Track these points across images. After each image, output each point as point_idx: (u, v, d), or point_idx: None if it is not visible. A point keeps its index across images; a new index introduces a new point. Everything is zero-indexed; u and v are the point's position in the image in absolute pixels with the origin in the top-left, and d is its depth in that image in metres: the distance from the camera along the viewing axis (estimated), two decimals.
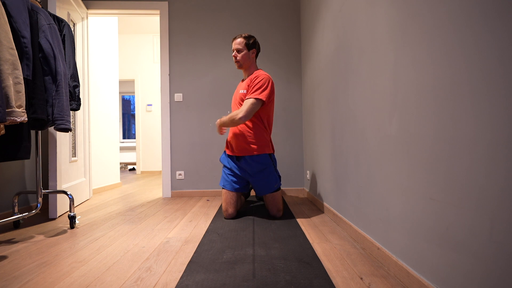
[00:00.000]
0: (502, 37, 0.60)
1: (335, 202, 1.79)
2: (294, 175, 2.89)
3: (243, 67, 1.95)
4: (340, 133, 1.67)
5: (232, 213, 1.89)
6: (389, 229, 1.09)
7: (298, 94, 2.90)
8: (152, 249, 1.36)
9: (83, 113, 2.61)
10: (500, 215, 0.61)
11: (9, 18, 1.41)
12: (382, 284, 0.98)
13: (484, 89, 0.65)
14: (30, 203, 2.25)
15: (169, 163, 2.83)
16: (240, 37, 1.92)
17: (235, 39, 1.93)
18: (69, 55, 1.85)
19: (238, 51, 1.91)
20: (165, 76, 2.85)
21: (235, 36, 1.97)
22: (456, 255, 0.74)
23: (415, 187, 0.92)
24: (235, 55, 1.92)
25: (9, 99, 1.30)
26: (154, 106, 5.31)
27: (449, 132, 0.76)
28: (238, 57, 1.91)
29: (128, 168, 6.40)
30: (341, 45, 1.64)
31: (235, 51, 1.92)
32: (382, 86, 1.14)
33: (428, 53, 0.85)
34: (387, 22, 1.09)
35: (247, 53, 1.93)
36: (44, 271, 1.13)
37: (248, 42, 1.92)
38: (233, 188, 1.91)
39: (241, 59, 1.92)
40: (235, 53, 1.92)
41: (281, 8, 2.92)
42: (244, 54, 1.92)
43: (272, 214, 1.91)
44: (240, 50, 1.91)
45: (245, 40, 1.91)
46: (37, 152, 1.78)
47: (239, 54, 1.91)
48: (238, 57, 1.91)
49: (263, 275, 1.05)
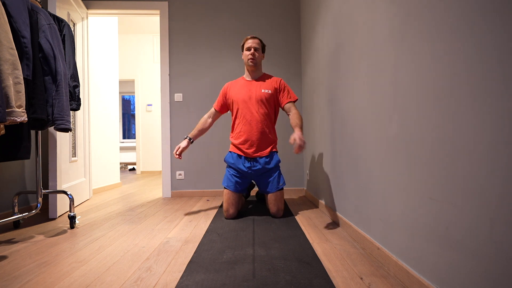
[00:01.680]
0: (501, 37, 0.60)
1: (335, 202, 1.79)
2: (294, 175, 2.90)
3: (257, 66, 2.00)
4: (340, 133, 1.67)
5: (233, 214, 1.90)
6: (389, 229, 1.09)
7: (298, 94, 2.90)
8: (152, 249, 1.36)
9: (83, 113, 2.61)
10: (500, 215, 0.61)
11: (9, 18, 1.41)
12: (382, 284, 0.98)
13: (483, 89, 0.65)
14: (30, 203, 2.25)
15: (169, 163, 2.83)
16: (257, 38, 1.99)
17: (251, 38, 1.98)
18: (69, 55, 1.85)
19: (256, 50, 1.97)
20: (165, 76, 2.85)
21: (250, 36, 2.00)
22: (456, 255, 0.74)
23: (415, 187, 0.92)
24: (254, 53, 1.96)
25: (9, 99, 1.30)
26: (154, 106, 5.31)
27: (449, 132, 0.76)
28: (257, 55, 1.97)
29: (128, 168, 6.40)
30: (341, 45, 1.64)
31: (253, 49, 1.96)
32: (382, 86, 1.14)
33: (428, 53, 0.85)
34: (387, 22, 1.09)
35: (261, 54, 2.02)
36: (44, 271, 1.13)
37: (262, 44, 2.03)
38: (236, 190, 1.92)
39: (258, 58, 1.99)
40: (253, 51, 1.96)
41: (281, 8, 2.92)
42: (260, 54, 2.01)
43: (272, 213, 1.92)
44: (258, 50, 1.98)
45: (260, 43, 2.01)
46: (37, 152, 1.78)
47: (257, 53, 1.98)
48: (256, 55, 1.97)
49: (263, 275, 1.05)
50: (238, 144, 1.96)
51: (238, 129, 1.98)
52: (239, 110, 1.97)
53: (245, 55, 1.99)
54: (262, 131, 1.93)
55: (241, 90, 2.00)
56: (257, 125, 1.93)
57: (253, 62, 1.96)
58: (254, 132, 1.92)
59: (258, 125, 1.93)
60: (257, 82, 2.00)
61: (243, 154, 1.95)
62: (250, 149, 1.93)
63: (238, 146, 1.97)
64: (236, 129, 1.99)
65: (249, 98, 1.96)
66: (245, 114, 1.95)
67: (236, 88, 2.03)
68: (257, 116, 1.93)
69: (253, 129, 1.93)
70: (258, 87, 1.97)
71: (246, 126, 1.94)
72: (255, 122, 1.93)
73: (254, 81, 2.01)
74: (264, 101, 1.95)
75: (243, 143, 1.95)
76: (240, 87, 2.02)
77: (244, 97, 1.97)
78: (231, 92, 2.03)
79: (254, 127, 1.93)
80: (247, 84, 2.01)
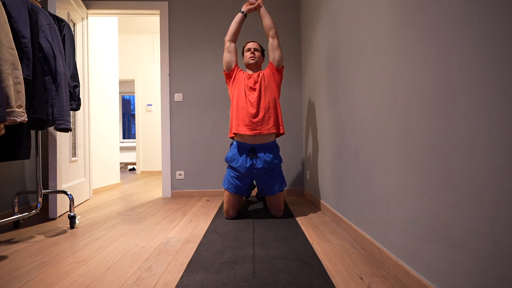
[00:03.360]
0: (501, 37, 0.60)
1: (335, 202, 1.79)
2: (294, 175, 2.89)
3: (257, 64, 2.08)
4: (340, 133, 1.67)
5: (233, 215, 1.90)
6: (389, 229, 1.09)
7: (298, 94, 2.90)
8: (152, 249, 1.36)
9: (83, 113, 2.61)
10: (499, 215, 0.61)
11: (9, 18, 1.41)
12: (382, 284, 0.98)
13: (483, 89, 0.65)
14: (30, 203, 2.25)
15: (169, 163, 2.83)
16: (255, 42, 2.13)
17: (251, 42, 2.12)
18: (69, 55, 1.85)
19: (256, 50, 2.09)
20: (165, 76, 2.85)
21: (249, 40, 2.15)
22: (456, 255, 0.74)
23: (415, 187, 0.92)
24: (253, 52, 2.07)
25: (9, 99, 1.30)
26: (154, 106, 5.31)
27: (449, 131, 0.76)
28: (257, 54, 2.08)
29: (128, 168, 6.40)
30: (341, 45, 1.64)
31: (253, 49, 2.08)
32: (382, 86, 1.14)
33: (428, 53, 0.85)
34: (387, 22, 1.09)
35: (261, 56, 2.13)
36: (44, 271, 1.13)
37: (262, 49, 2.16)
38: (236, 191, 1.91)
39: (258, 57, 2.08)
40: (253, 51, 2.07)
41: (281, 8, 2.92)
42: (260, 55, 2.11)
43: (273, 213, 1.92)
44: (258, 50, 2.10)
45: (259, 47, 2.13)
46: (37, 152, 1.78)
47: (257, 53, 2.09)
48: (256, 54, 2.07)
49: (263, 275, 1.05)
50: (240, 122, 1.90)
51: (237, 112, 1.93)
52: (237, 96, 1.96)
53: (245, 56, 2.09)
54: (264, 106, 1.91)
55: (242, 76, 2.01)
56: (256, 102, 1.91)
57: (254, 60, 2.05)
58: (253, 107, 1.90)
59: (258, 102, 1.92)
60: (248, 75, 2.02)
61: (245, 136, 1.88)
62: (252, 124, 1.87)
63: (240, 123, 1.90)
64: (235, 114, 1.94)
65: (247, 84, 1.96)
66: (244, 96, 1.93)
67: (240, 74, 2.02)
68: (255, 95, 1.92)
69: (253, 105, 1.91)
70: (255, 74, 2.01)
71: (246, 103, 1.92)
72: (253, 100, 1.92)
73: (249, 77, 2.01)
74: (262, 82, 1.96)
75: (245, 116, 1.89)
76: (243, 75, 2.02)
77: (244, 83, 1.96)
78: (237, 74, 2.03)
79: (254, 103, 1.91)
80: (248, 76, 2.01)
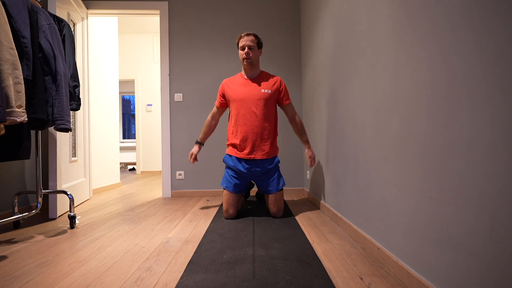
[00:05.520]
0: (501, 37, 0.60)
1: (335, 202, 1.79)
2: (294, 175, 2.90)
3: (253, 64, 1.90)
4: (340, 133, 1.67)
5: (233, 214, 1.89)
6: (389, 229, 1.09)
7: (298, 94, 2.90)
8: (152, 249, 1.36)
9: (83, 113, 2.61)
10: (499, 215, 0.61)
11: (9, 18, 1.41)
12: (382, 284, 0.98)
13: (483, 88, 0.65)
14: (30, 203, 2.25)
15: (169, 163, 2.83)
16: (251, 35, 1.89)
17: (245, 36, 1.88)
18: (69, 55, 1.85)
19: (251, 48, 1.87)
20: (165, 76, 2.85)
21: (244, 33, 1.89)
22: (455, 255, 0.74)
23: (415, 186, 0.92)
24: (248, 52, 1.86)
25: (9, 99, 1.30)
26: (154, 106, 5.31)
27: (449, 132, 0.76)
28: (251, 55, 1.88)
29: (128, 168, 6.40)
30: (341, 45, 1.64)
31: (247, 48, 1.87)
32: (382, 86, 1.14)
33: (428, 53, 0.85)
34: (387, 22, 1.09)
35: (257, 51, 1.92)
36: (44, 271, 1.13)
37: (258, 41, 1.92)
38: (235, 190, 1.91)
39: (254, 56, 1.89)
40: (247, 50, 1.86)
41: (281, 8, 2.92)
42: (256, 52, 1.91)
43: (272, 213, 1.91)
44: (252, 48, 1.88)
45: (256, 39, 1.90)
46: (37, 152, 1.78)
47: (252, 52, 1.88)
48: (251, 54, 1.87)
49: (263, 275, 1.05)
50: (236, 144, 1.91)
51: (235, 129, 1.92)
52: (237, 110, 1.91)
53: (239, 54, 1.92)
54: (260, 131, 1.88)
55: (238, 88, 1.93)
56: (255, 125, 1.88)
57: (248, 61, 1.88)
58: (252, 132, 1.88)
59: (256, 125, 1.88)
60: (256, 81, 1.93)
61: (240, 156, 1.90)
62: (246, 149, 1.88)
63: (236, 145, 1.91)
64: (234, 129, 1.93)
65: (247, 98, 1.89)
66: (243, 114, 1.89)
67: (233, 86, 1.95)
68: (255, 116, 1.88)
69: (251, 129, 1.88)
70: (257, 87, 1.91)
71: (243, 127, 1.89)
72: (254, 122, 1.88)
73: (253, 80, 1.94)
74: (264, 102, 1.88)
75: (242, 141, 1.89)
76: (237, 85, 1.95)
77: (242, 97, 1.90)
78: (229, 91, 1.96)
79: (252, 127, 1.88)
80: (245, 83, 1.94)
